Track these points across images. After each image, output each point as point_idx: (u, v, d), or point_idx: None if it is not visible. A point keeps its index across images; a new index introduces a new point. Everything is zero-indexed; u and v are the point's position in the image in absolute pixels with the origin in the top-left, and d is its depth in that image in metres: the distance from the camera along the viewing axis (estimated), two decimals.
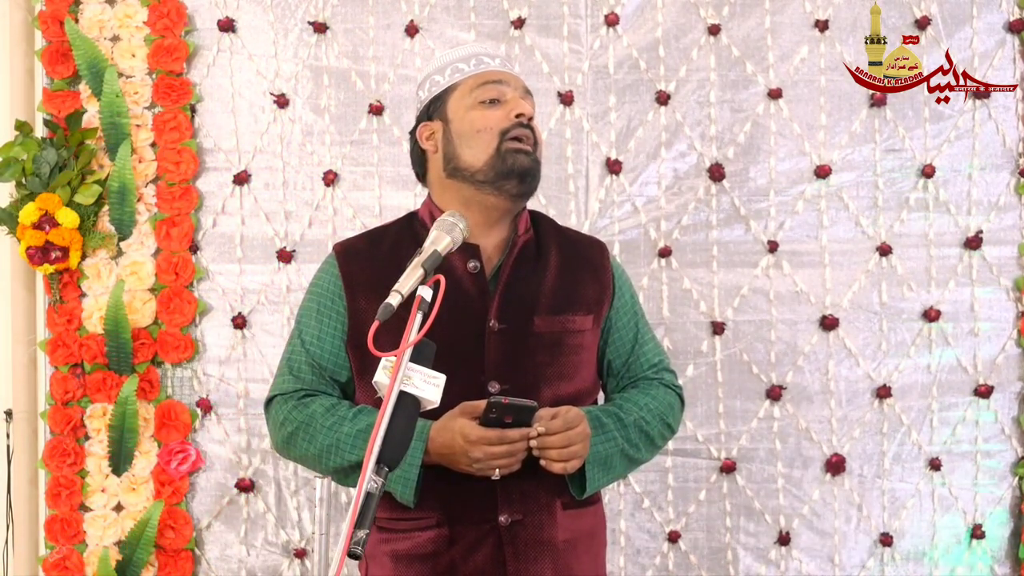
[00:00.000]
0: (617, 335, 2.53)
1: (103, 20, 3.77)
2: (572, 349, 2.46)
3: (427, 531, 2.43)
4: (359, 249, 2.55)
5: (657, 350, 2.58)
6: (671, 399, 2.54)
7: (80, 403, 3.74)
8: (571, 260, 2.52)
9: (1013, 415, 3.76)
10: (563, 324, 2.45)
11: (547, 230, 2.56)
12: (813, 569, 3.74)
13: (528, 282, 2.47)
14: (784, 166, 3.76)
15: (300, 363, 2.51)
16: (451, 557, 2.42)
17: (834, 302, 3.75)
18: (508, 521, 2.40)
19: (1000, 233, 3.78)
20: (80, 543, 3.72)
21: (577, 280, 2.49)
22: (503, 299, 2.44)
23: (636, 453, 2.46)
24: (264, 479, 3.78)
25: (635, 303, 2.59)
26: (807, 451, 3.75)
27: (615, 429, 2.41)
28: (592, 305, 2.49)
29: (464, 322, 2.42)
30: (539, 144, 2.48)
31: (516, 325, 2.44)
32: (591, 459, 2.39)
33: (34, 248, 3.69)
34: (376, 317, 2.06)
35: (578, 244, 2.57)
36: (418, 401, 2.10)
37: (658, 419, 2.48)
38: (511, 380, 2.41)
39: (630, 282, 2.61)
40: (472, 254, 2.46)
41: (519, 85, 2.50)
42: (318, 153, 3.79)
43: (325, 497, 2.48)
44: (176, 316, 3.74)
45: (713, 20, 3.76)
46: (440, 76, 2.51)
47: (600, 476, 2.42)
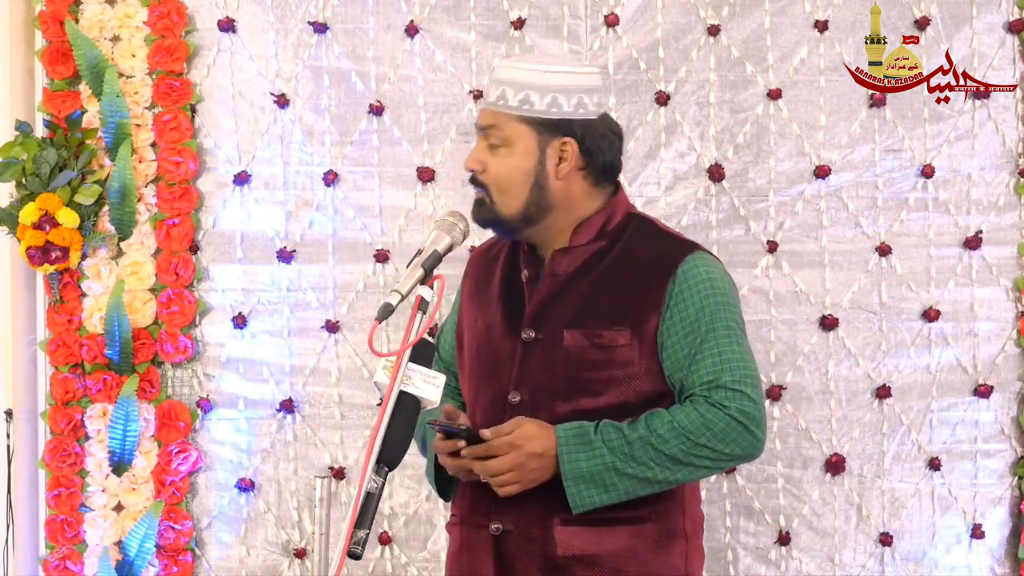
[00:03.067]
0: (672, 351, 2.40)
1: (103, 20, 3.77)
2: (601, 364, 2.40)
3: (454, 528, 2.56)
4: (482, 250, 2.68)
5: (716, 368, 2.36)
6: (713, 417, 2.33)
7: (80, 403, 3.74)
8: (618, 273, 2.44)
9: (1012, 415, 3.76)
10: (591, 339, 2.40)
11: (631, 236, 2.49)
12: (813, 569, 3.74)
13: (565, 294, 2.45)
14: (784, 166, 3.76)
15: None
16: (462, 558, 2.50)
17: (834, 302, 3.75)
18: (499, 531, 2.41)
19: (1000, 233, 3.77)
20: (80, 543, 3.73)
21: (615, 294, 2.42)
22: (536, 310, 2.45)
23: (645, 471, 2.34)
24: (264, 479, 3.79)
25: (703, 317, 2.39)
26: (807, 451, 3.75)
27: (605, 446, 2.33)
28: (632, 320, 2.41)
29: (509, 331, 2.48)
30: (488, 187, 2.45)
31: (548, 336, 2.43)
32: (570, 475, 2.33)
33: (34, 248, 3.69)
34: (375, 317, 2.07)
35: (645, 254, 2.46)
36: (418, 401, 2.10)
37: (682, 437, 2.33)
38: (530, 391, 2.42)
39: (710, 296, 2.40)
40: (529, 263, 2.51)
41: (487, 123, 2.47)
42: (318, 153, 3.79)
43: (325, 497, 2.47)
44: (176, 316, 3.74)
45: (713, 20, 3.76)
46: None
47: (592, 493, 2.34)
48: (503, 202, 2.44)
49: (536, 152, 2.43)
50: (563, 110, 2.42)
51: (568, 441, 2.34)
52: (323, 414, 3.79)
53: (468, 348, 2.56)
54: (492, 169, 2.44)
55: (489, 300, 2.55)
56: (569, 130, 2.43)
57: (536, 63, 2.46)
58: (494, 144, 2.44)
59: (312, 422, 3.79)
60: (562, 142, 2.43)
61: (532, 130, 2.43)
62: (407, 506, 3.76)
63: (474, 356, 2.54)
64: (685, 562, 2.48)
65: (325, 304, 3.78)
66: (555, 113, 2.42)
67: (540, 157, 2.43)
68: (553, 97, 2.42)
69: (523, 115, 2.42)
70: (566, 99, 2.43)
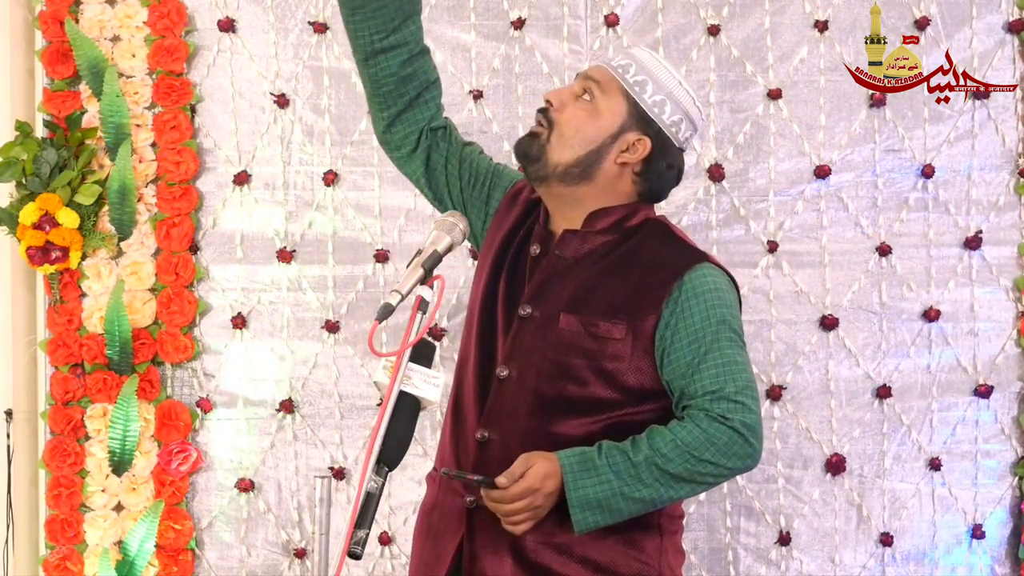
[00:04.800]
0: (674, 356, 2.38)
1: (103, 20, 3.77)
2: (591, 354, 2.39)
3: (432, 482, 2.55)
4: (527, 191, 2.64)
5: (720, 378, 2.36)
6: (714, 431, 2.32)
7: (80, 403, 3.74)
8: (625, 268, 2.44)
9: (1013, 415, 3.76)
10: (586, 326, 2.40)
11: (644, 236, 2.48)
12: (813, 569, 3.74)
13: (567, 276, 2.44)
14: (784, 166, 3.76)
15: None
16: (432, 517, 2.51)
17: (834, 302, 3.75)
18: (473, 504, 2.41)
19: (1000, 233, 3.77)
20: (80, 543, 3.73)
21: (618, 287, 2.42)
22: (536, 288, 2.44)
23: (651, 493, 2.33)
24: (264, 479, 3.79)
25: (708, 327, 2.38)
26: (807, 451, 3.75)
27: (611, 471, 2.31)
28: (630, 315, 2.40)
29: (507, 304, 2.46)
30: (554, 126, 2.45)
31: (544, 315, 2.42)
32: (576, 503, 2.31)
33: (34, 248, 3.69)
34: (375, 317, 2.07)
35: (653, 257, 2.45)
36: (418, 401, 2.10)
37: (686, 455, 2.32)
38: (519, 368, 2.41)
39: (716, 307, 2.39)
40: (540, 239, 2.49)
41: (596, 76, 2.48)
42: (318, 153, 3.79)
43: (325, 497, 2.47)
44: (176, 316, 3.74)
45: (713, 21, 3.76)
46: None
47: (596, 517, 2.33)
48: (559, 146, 2.43)
49: (616, 128, 2.44)
50: (661, 117, 2.45)
51: (572, 468, 2.32)
52: (323, 414, 3.79)
53: (472, 300, 2.57)
54: (569, 112, 2.44)
55: (493, 262, 2.54)
56: (653, 133, 2.45)
57: (673, 67, 2.50)
58: (586, 95, 2.45)
59: (312, 422, 3.79)
60: (639, 137, 2.44)
61: (628, 109, 2.45)
62: (407, 506, 3.76)
63: (471, 318, 2.55)
64: (659, 557, 2.45)
65: (325, 304, 3.78)
66: (655, 113, 2.44)
67: (616, 133, 2.44)
68: (664, 99, 2.44)
69: (631, 92, 2.44)
70: (671, 109, 2.46)
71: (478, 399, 2.45)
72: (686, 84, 2.49)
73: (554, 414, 2.40)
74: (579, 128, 2.44)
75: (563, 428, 2.39)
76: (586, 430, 2.38)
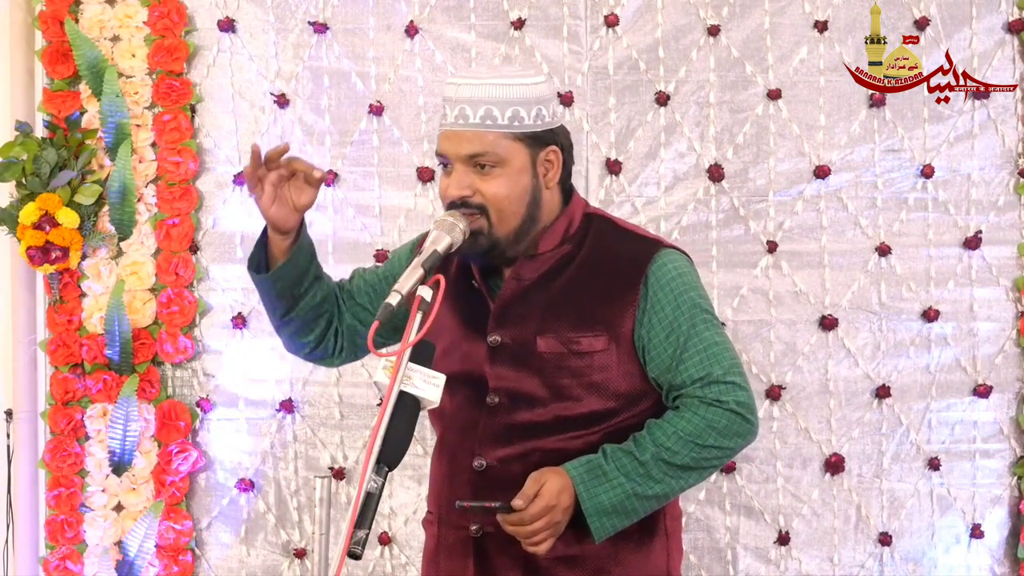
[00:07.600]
0: (655, 352, 2.39)
1: (103, 20, 3.77)
2: (580, 371, 2.38)
3: (430, 526, 2.52)
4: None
5: (705, 363, 2.36)
6: (712, 416, 2.33)
7: (80, 403, 3.74)
8: (588, 277, 2.42)
9: (1012, 415, 3.77)
10: (567, 345, 2.38)
11: (594, 236, 2.46)
12: (813, 569, 3.74)
13: (531, 299, 2.41)
14: (783, 166, 3.77)
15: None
16: (439, 559, 2.47)
17: (833, 302, 3.76)
18: (479, 532, 2.39)
19: (999, 233, 3.78)
20: (80, 543, 3.73)
21: (588, 298, 2.40)
22: (499, 313, 2.41)
23: (663, 488, 2.34)
24: (264, 479, 3.79)
25: (681, 315, 2.38)
26: (806, 451, 3.75)
27: (621, 474, 2.31)
28: (607, 324, 2.39)
29: (472, 334, 2.42)
30: (486, 208, 2.35)
31: (516, 341, 2.39)
32: (592, 511, 2.31)
33: (34, 248, 3.69)
34: (375, 317, 2.07)
35: (612, 257, 2.44)
36: (418, 401, 2.10)
37: (690, 445, 2.32)
38: (509, 396, 2.39)
39: (683, 293, 2.39)
40: (483, 270, 2.45)
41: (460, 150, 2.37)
42: (318, 153, 3.79)
43: (325, 497, 2.47)
44: (176, 316, 3.75)
45: (713, 21, 3.76)
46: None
47: (613, 522, 2.33)
48: (502, 224, 2.37)
49: (530, 167, 2.39)
50: (545, 120, 2.40)
51: (583, 478, 2.32)
52: (323, 414, 3.79)
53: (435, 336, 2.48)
54: (489, 191, 2.35)
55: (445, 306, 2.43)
56: (553, 139, 2.41)
57: (498, 72, 2.41)
58: (485, 165, 2.36)
59: (312, 422, 3.79)
60: (549, 151, 2.40)
61: (524, 145, 2.38)
62: (407, 506, 3.76)
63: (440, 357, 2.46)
64: (667, 560, 2.47)
65: None
66: (540, 125, 2.39)
67: (533, 171, 2.39)
68: (533, 109, 2.38)
69: (512, 130, 2.36)
70: (540, 110, 2.39)
71: (468, 428, 2.42)
72: (516, 76, 2.39)
73: (551, 433, 2.38)
74: (507, 196, 2.37)
75: (562, 444, 2.38)
76: (585, 441, 2.38)
